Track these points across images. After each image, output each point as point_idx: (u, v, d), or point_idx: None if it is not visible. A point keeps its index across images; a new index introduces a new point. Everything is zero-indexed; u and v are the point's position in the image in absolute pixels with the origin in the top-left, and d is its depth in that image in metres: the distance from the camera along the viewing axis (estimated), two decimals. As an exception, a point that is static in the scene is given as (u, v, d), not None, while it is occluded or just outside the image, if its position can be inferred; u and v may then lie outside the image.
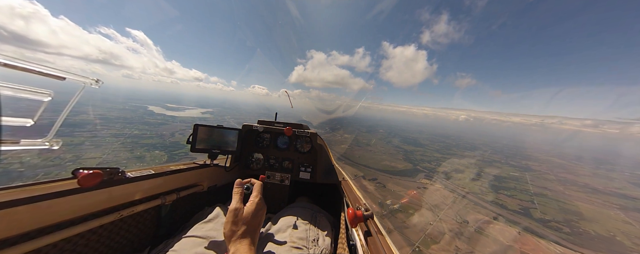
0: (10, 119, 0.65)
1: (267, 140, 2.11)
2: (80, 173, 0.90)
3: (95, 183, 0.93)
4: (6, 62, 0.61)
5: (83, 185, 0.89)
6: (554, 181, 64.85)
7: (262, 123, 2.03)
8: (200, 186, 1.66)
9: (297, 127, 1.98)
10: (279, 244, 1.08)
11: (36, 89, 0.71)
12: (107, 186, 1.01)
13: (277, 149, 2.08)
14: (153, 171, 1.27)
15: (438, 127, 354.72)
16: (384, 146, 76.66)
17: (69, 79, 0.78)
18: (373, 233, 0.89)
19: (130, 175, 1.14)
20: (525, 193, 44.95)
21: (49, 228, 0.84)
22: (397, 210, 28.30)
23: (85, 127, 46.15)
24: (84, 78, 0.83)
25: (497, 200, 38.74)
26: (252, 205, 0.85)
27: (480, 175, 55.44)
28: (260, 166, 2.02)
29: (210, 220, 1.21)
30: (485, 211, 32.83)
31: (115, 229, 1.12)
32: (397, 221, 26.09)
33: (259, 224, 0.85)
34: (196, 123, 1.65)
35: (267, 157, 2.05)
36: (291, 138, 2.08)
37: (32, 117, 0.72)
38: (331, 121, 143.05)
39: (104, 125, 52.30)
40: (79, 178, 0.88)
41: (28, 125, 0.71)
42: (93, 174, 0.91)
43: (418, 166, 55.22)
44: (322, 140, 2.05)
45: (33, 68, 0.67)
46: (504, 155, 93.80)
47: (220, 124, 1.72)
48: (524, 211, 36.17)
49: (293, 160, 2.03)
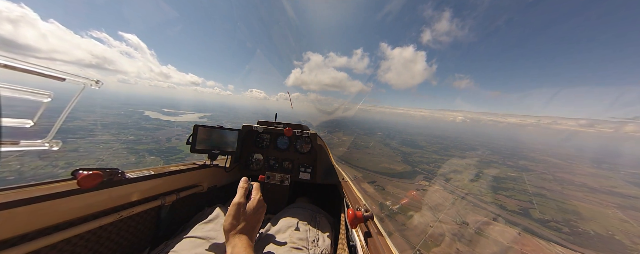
0: (10, 120, 0.65)
1: (267, 141, 2.10)
2: (80, 174, 0.90)
3: (94, 183, 0.92)
4: (6, 63, 0.61)
5: (83, 185, 0.89)
6: (552, 181, 65.30)
7: (262, 124, 2.03)
8: (200, 186, 1.66)
9: (297, 127, 1.97)
10: (279, 244, 1.07)
11: (36, 90, 0.71)
12: (106, 187, 1.01)
13: (277, 150, 2.07)
14: (153, 172, 1.27)
15: (436, 128, 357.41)
16: (383, 149, 76.75)
17: (69, 80, 0.77)
18: (373, 234, 0.89)
19: (130, 175, 1.13)
20: (523, 194, 45.11)
21: (49, 229, 0.84)
22: (396, 212, 28.09)
23: (79, 132, 45.43)
24: (83, 79, 0.82)
25: (496, 201, 38.76)
26: (254, 201, 0.87)
27: (479, 175, 55.60)
28: (260, 167, 2.01)
29: (210, 221, 1.20)
30: (484, 212, 32.78)
31: (115, 230, 1.12)
32: (397, 224, 25.87)
33: (259, 222, 0.86)
34: (196, 124, 1.65)
35: (267, 158, 2.04)
36: (291, 139, 2.07)
37: (32, 118, 0.71)
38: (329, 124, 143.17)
39: (98, 131, 51.53)
40: (79, 179, 0.88)
41: (28, 126, 0.70)
42: (93, 175, 0.91)
43: (417, 168, 55.25)
44: (322, 140, 2.04)
45: (33, 69, 0.67)
46: (501, 156, 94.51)
47: (219, 124, 1.71)
48: (523, 211, 36.20)
49: (293, 161, 2.02)
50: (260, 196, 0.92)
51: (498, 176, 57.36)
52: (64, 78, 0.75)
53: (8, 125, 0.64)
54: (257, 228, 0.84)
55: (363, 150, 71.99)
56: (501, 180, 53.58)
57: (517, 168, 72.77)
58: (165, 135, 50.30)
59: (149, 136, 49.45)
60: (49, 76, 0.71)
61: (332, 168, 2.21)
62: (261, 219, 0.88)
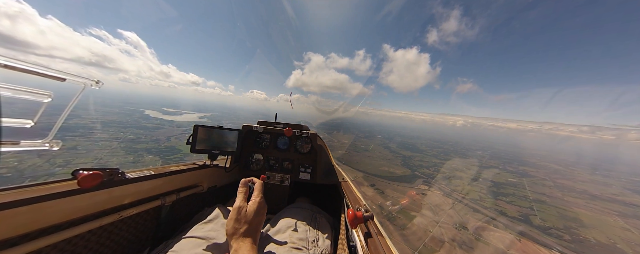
0: (10, 120, 0.64)
1: (267, 141, 2.10)
2: (80, 174, 0.90)
3: (95, 183, 0.93)
4: (6, 63, 0.61)
5: (83, 185, 0.89)
6: (552, 188, 64.89)
7: (262, 124, 2.03)
8: (200, 187, 1.66)
9: (297, 127, 1.97)
10: (279, 244, 1.08)
11: (36, 90, 0.71)
12: (107, 187, 1.02)
13: (277, 150, 2.07)
14: (153, 172, 1.27)
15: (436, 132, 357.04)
16: (382, 152, 76.52)
17: (69, 80, 0.77)
18: (373, 234, 0.89)
19: (130, 175, 1.13)
20: (524, 200, 44.78)
21: (49, 229, 0.84)
22: (395, 216, 27.80)
23: (78, 130, 45.39)
24: (84, 79, 0.82)
25: (497, 206, 38.46)
26: (255, 204, 0.87)
27: (479, 180, 55.28)
28: (260, 167, 2.02)
29: (210, 221, 1.20)
30: (485, 218, 32.44)
31: (115, 230, 1.12)
32: (395, 228, 25.56)
33: (260, 223, 0.86)
34: (196, 124, 1.64)
35: (267, 158, 2.04)
36: (291, 139, 2.07)
37: (32, 118, 0.71)
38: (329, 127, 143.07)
39: (98, 129, 51.48)
40: (79, 179, 0.88)
41: (28, 126, 0.70)
42: (93, 175, 0.91)
43: (416, 172, 54.98)
44: (322, 140, 2.04)
45: (33, 69, 0.67)
46: (501, 161, 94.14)
47: (219, 125, 1.71)
48: (524, 217, 35.87)
49: (293, 161, 2.02)
50: (261, 197, 0.91)
51: (498, 181, 57.04)
52: (64, 78, 0.75)
53: (8, 125, 0.63)
54: (259, 229, 0.85)
55: (363, 153, 71.77)
56: (501, 185, 53.26)
57: (517, 173, 72.43)
58: (164, 135, 50.22)
59: (148, 136, 49.37)
60: (49, 76, 0.71)
61: (332, 168, 2.20)
62: (263, 220, 0.88)
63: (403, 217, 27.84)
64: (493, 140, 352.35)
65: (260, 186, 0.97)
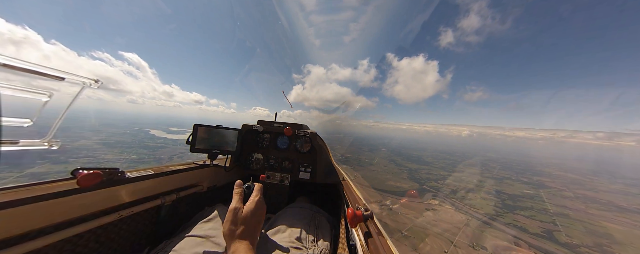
0: (9, 119, 0.64)
1: (267, 140, 2.09)
2: (80, 173, 0.90)
3: (94, 183, 0.93)
4: (5, 62, 0.61)
5: (82, 185, 0.89)
6: (573, 199, 60.69)
7: (262, 124, 2.04)
8: (200, 186, 1.67)
9: (296, 126, 1.98)
10: (279, 244, 1.08)
11: (35, 89, 0.70)
12: (106, 186, 1.02)
13: (277, 149, 2.06)
14: (152, 171, 1.28)
15: (441, 143, 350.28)
16: (387, 165, 74.28)
17: (68, 79, 0.77)
18: (373, 234, 0.88)
19: (130, 175, 1.14)
20: (544, 213, 41.51)
21: (49, 228, 0.84)
22: (406, 236, 25.67)
23: (82, 152, 45.71)
24: (83, 78, 0.82)
25: (515, 222, 35.46)
26: (252, 204, 0.85)
27: (492, 193, 52.15)
28: (260, 167, 2.01)
29: (211, 220, 1.21)
30: (503, 235, 29.75)
31: (115, 229, 1.12)
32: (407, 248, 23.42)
33: (259, 223, 0.85)
34: (196, 123, 1.63)
35: (266, 157, 2.04)
36: (291, 138, 2.06)
37: (31, 118, 0.70)
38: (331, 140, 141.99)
39: (102, 151, 51.89)
40: (79, 178, 0.88)
41: (26, 125, 0.70)
42: (93, 174, 0.92)
43: (425, 185, 52.56)
44: (321, 140, 2.04)
45: (32, 69, 0.66)
46: (514, 171, 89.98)
47: (219, 124, 1.71)
48: (547, 234, 32.81)
49: (293, 160, 2.02)
50: (260, 197, 0.90)
51: (513, 193, 53.72)
52: (63, 77, 0.75)
53: (7, 125, 0.63)
54: (258, 230, 0.84)
55: (368, 167, 69.74)
56: (517, 198, 49.95)
57: (532, 184, 68.45)
58: (167, 154, 50.18)
59: (151, 155, 49.36)
60: (48, 75, 0.71)
61: (332, 168, 2.21)
62: (262, 220, 0.86)
63: (413, 236, 25.70)
64: (501, 149, 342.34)
65: (260, 187, 0.96)
